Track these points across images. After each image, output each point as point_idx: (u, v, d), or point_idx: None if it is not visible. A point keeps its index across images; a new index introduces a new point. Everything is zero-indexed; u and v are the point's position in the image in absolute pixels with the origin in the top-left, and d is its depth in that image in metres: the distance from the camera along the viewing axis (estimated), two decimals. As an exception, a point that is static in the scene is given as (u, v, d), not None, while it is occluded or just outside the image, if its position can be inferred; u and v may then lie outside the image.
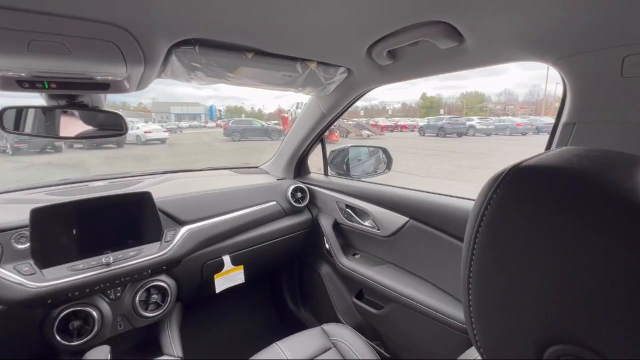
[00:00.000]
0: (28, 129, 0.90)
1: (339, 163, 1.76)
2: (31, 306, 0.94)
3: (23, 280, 0.93)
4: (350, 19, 0.65)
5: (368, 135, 17.96)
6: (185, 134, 24.31)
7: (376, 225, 1.32)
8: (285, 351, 1.04)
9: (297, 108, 16.16)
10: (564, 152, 0.29)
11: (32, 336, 0.98)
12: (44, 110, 0.89)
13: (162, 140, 15.43)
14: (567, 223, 0.24)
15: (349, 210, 1.46)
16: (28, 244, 0.98)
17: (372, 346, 1.10)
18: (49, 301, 0.97)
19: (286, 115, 17.85)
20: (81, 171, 8.60)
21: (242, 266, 1.38)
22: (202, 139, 18.89)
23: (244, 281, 1.40)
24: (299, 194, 1.60)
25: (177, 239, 1.20)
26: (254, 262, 1.45)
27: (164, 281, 1.17)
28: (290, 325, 1.88)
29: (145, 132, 14.90)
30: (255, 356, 1.03)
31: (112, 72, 0.67)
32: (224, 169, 1.90)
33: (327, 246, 1.51)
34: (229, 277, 1.36)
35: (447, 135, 17.53)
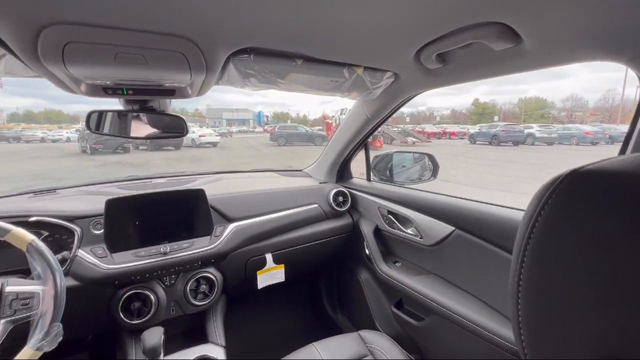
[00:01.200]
0: (106, 129, 1.03)
1: (382, 169, 1.74)
2: (102, 285, 1.07)
3: (97, 262, 1.07)
4: (400, 24, 0.65)
5: (413, 142, 17.38)
6: (234, 138, 25.73)
7: (419, 233, 1.27)
8: (322, 352, 1.05)
9: (341, 114, 16.25)
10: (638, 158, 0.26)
11: (102, 312, 1.11)
12: (120, 113, 1.02)
13: (214, 144, 16.50)
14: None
15: (391, 217, 1.43)
16: (102, 230, 1.12)
17: (410, 359, 1.06)
18: (116, 282, 1.09)
19: (330, 121, 18.01)
20: (145, 170, 9.54)
21: (283, 265, 1.43)
22: (250, 143, 19.84)
23: (284, 280, 1.44)
24: (341, 198, 1.61)
25: (225, 234, 1.28)
26: (294, 262, 1.49)
27: (212, 273, 1.26)
28: (326, 328, 1.89)
29: (199, 136, 16.06)
30: (292, 354, 1.05)
31: (179, 79, 0.75)
32: (270, 171, 1.99)
33: (367, 252, 1.49)
34: (271, 274, 1.41)
35: (501, 144, 16.25)
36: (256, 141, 21.36)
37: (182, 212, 1.25)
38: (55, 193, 1.36)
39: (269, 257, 1.39)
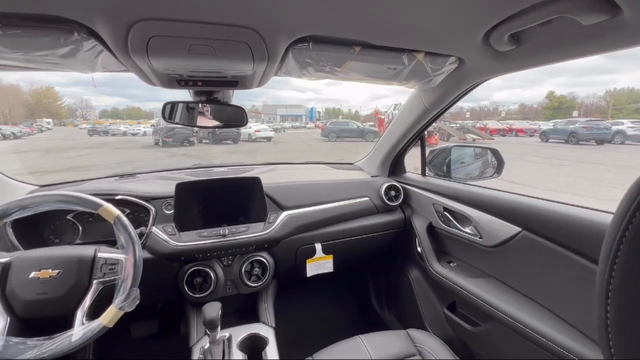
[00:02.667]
0: (177, 119, 1.13)
1: (439, 164, 1.65)
2: (171, 259, 1.20)
3: (167, 238, 1.19)
4: (467, 2, 0.61)
5: (473, 140, 16.14)
6: (287, 133, 26.60)
7: (479, 233, 1.18)
8: (368, 346, 1.04)
9: (394, 109, 15.75)
10: None
11: (170, 284, 1.24)
12: (188, 105, 1.11)
13: (268, 139, 17.25)
14: None
15: (446, 214, 1.36)
16: (172, 211, 1.25)
17: None
18: (182, 258, 1.21)
19: (382, 117, 17.59)
20: (207, 160, 10.38)
21: (331, 256, 1.44)
22: (301, 138, 20.32)
23: (332, 270, 1.46)
24: (393, 193, 1.57)
25: (279, 221, 1.34)
26: (342, 254, 1.49)
27: (265, 257, 1.32)
28: (371, 323, 1.87)
29: (255, 131, 16.93)
30: (338, 343, 1.06)
31: (242, 69, 0.80)
32: (321, 163, 2.01)
33: (419, 249, 1.43)
34: (319, 264, 1.43)
35: (580, 142, 14.24)
36: (307, 136, 21.80)
37: (240, 198, 1.34)
38: (135, 177, 1.55)
39: (318, 246, 1.41)
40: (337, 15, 0.64)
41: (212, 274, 1.24)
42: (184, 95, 1.13)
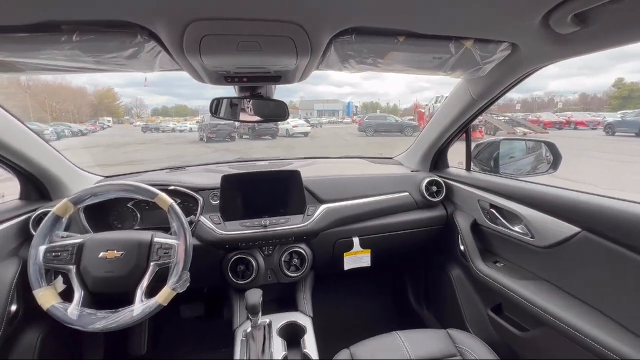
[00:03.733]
0: (222, 114, 1.19)
1: (485, 158, 1.55)
2: (216, 247, 1.27)
3: (213, 227, 1.27)
4: None
5: (524, 134, 14.91)
6: (323, 128, 26.65)
7: (530, 232, 1.10)
8: (405, 342, 1.02)
9: (436, 102, 15.06)
10: None
11: (215, 269, 1.32)
12: (231, 100, 1.17)
13: (305, 134, 17.44)
14: None
15: (493, 211, 1.28)
16: (218, 201, 1.33)
17: None
18: (226, 246, 1.28)
19: (422, 110, 16.92)
20: (247, 155, 10.80)
21: (369, 250, 1.44)
22: (338, 133, 20.25)
23: (369, 265, 1.45)
24: (434, 188, 1.52)
25: (317, 214, 1.36)
26: (380, 249, 1.48)
27: (303, 249, 1.35)
28: (408, 320, 1.83)
29: (293, 127, 17.20)
30: (375, 338, 1.06)
31: (286, 63, 0.82)
32: (360, 157, 2.00)
33: (462, 248, 1.37)
34: (357, 258, 1.43)
35: (655, 136, 12.52)
36: (344, 131, 21.68)
37: (280, 191, 1.38)
38: (184, 170, 1.66)
39: (356, 240, 1.41)
40: (381, 5, 0.63)
41: (253, 263, 1.30)
42: (229, 91, 1.19)
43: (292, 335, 1.21)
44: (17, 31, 0.61)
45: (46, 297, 0.92)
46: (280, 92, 1.22)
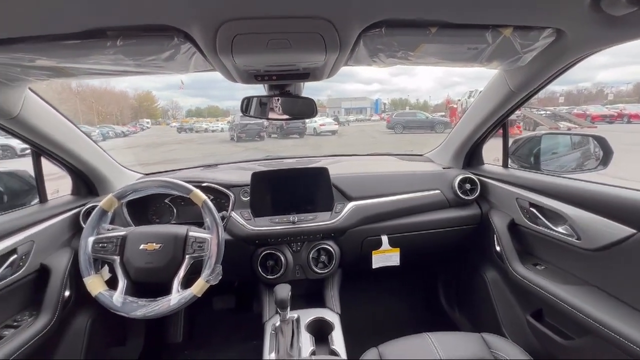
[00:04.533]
0: (252, 112, 1.22)
1: (525, 154, 1.46)
2: (247, 242, 1.31)
3: (244, 223, 1.30)
4: None
5: (569, 129, 13.83)
6: (351, 126, 26.48)
7: (575, 233, 1.02)
8: (436, 344, 0.99)
9: (469, 97, 14.40)
10: None
11: (246, 264, 1.36)
12: (260, 98, 1.19)
13: (333, 132, 17.41)
14: None
15: (533, 210, 1.20)
16: (248, 198, 1.36)
17: None
18: (256, 241, 1.32)
19: (455, 106, 16.24)
20: (276, 154, 11.01)
21: (398, 249, 1.41)
22: (366, 131, 20.03)
23: (398, 264, 1.42)
24: (468, 186, 1.45)
25: (345, 211, 1.35)
26: (410, 248, 1.44)
27: (331, 246, 1.35)
28: (439, 323, 1.78)
29: (320, 125, 17.24)
30: (405, 338, 1.03)
31: (315, 60, 0.82)
32: (388, 155, 1.96)
33: (498, 248, 1.30)
34: (386, 256, 1.41)
35: None
36: (372, 129, 21.39)
37: (308, 188, 1.39)
38: (216, 167, 1.73)
39: (384, 238, 1.39)
40: None
41: (282, 258, 1.32)
42: (259, 91, 1.21)
43: (320, 331, 1.22)
44: (69, 38, 0.67)
45: (94, 284, 0.99)
46: (307, 91, 1.23)
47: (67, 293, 1.12)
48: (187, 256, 1.03)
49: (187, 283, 1.02)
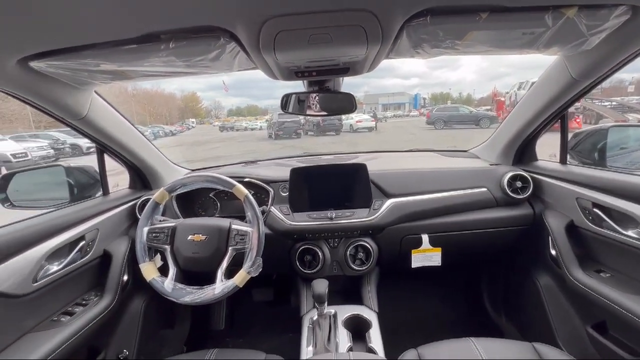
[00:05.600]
0: (290, 109, 1.23)
1: (587, 150, 1.32)
2: (286, 236, 1.34)
3: (283, 217, 1.33)
4: None
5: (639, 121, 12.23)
6: (388, 122, 25.90)
7: (650, 238, 0.90)
8: (481, 351, 0.93)
9: (519, 89, 13.30)
10: None
11: (284, 258, 1.39)
12: (299, 95, 1.20)
13: (370, 129, 17.15)
14: None
15: (597, 211, 1.08)
16: (287, 193, 1.39)
17: None
18: (295, 236, 1.34)
19: (502, 99, 15.14)
20: (313, 151, 11.14)
21: (440, 249, 1.35)
22: (404, 127, 19.46)
23: (440, 264, 1.36)
24: (519, 184, 1.35)
25: (383, 208, 1.32)
26: (452, 248, 1.38)
27: (369, 243, 1.34)
28: (484, 329, 1.68)
29: (357, 122, 17.08)
30: (447, 341, 0.99)
31: (355, 53, 0.80)
32: (430, 151, 1.89)
33: (554, 252, 1.20)
34: (426, 256, 1.36)
35: None
36: (410, 125, 20.73)
37: (346, 184, 1.38)
38: (257, 164, 1.78)
39: (425, 237, 1.34)
40: None
41: (320, 253, 1.33)
42: (298, 88, 1.22)
43: (357, 328, 1.21)
44: (128, 43, 0.73)
45: (148, 270, 1.08)
46: (344, 88, 1.22)
47: (125, 277, 1.23)
48: (230, 248, 1.07)
49: (229, 274, 1.07)
